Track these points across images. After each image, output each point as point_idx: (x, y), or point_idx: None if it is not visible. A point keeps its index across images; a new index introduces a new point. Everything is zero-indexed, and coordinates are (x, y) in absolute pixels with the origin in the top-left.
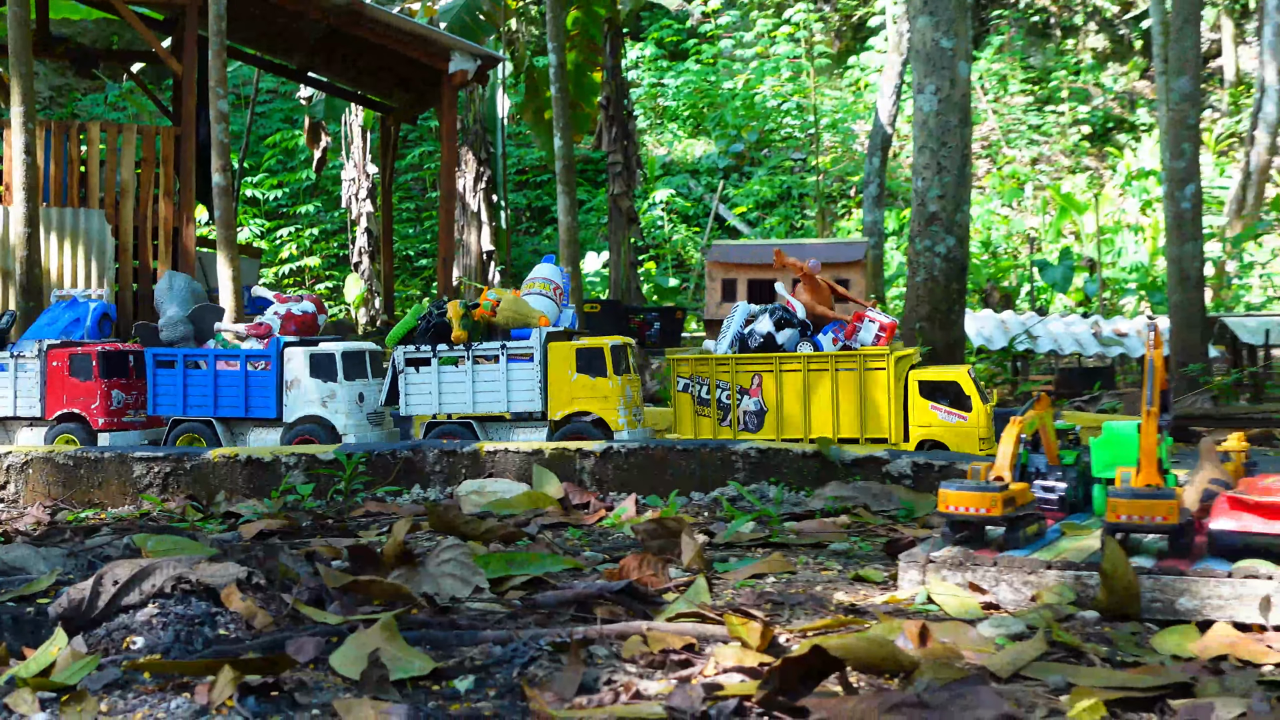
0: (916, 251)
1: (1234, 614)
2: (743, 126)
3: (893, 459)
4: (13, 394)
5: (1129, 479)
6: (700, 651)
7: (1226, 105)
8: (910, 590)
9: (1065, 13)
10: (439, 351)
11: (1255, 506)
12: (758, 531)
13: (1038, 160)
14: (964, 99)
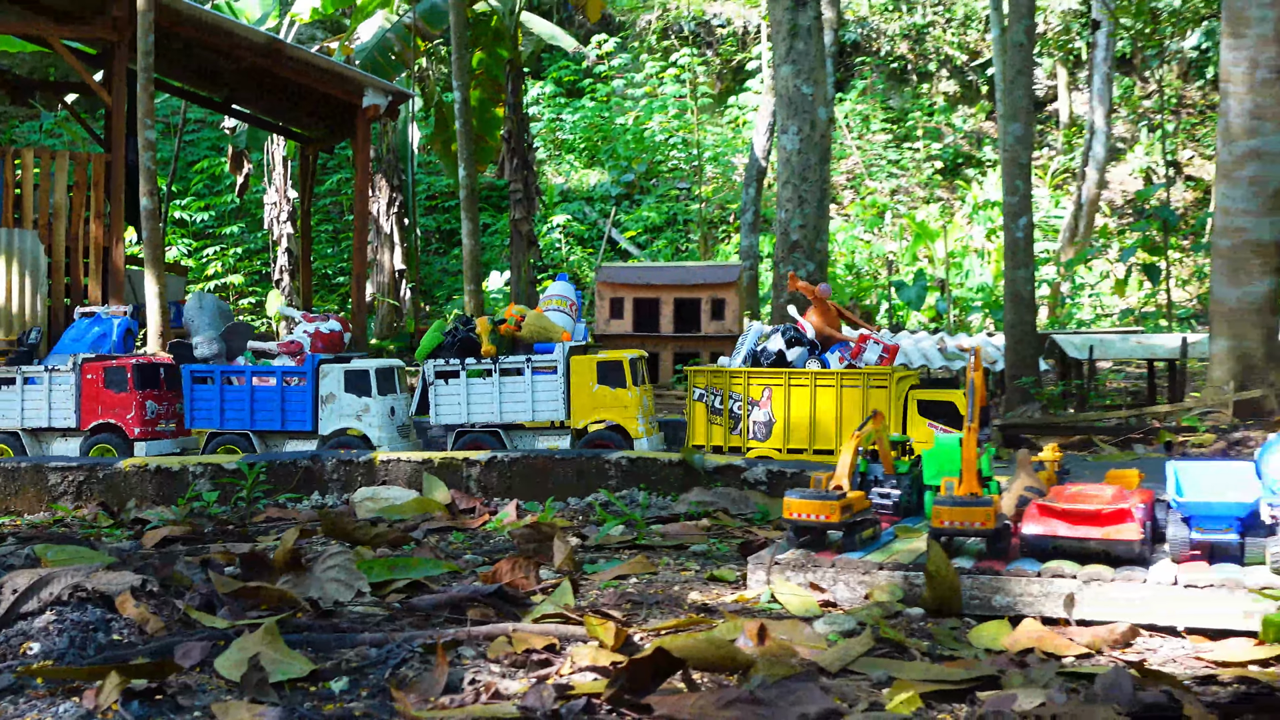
0: (781, 275)
1: (1043, 609)
2: (633, 158)
3: (749, 467)
4: (47, 406)
5: (953, 488)
6: (561, 651)
7: (1061, 144)
8: (757, 590)
9: (921, 60)
10: (468, 365)
11: (1062, 513)
12: (626, 534)
13: (896, 191)
14: (823, 139)
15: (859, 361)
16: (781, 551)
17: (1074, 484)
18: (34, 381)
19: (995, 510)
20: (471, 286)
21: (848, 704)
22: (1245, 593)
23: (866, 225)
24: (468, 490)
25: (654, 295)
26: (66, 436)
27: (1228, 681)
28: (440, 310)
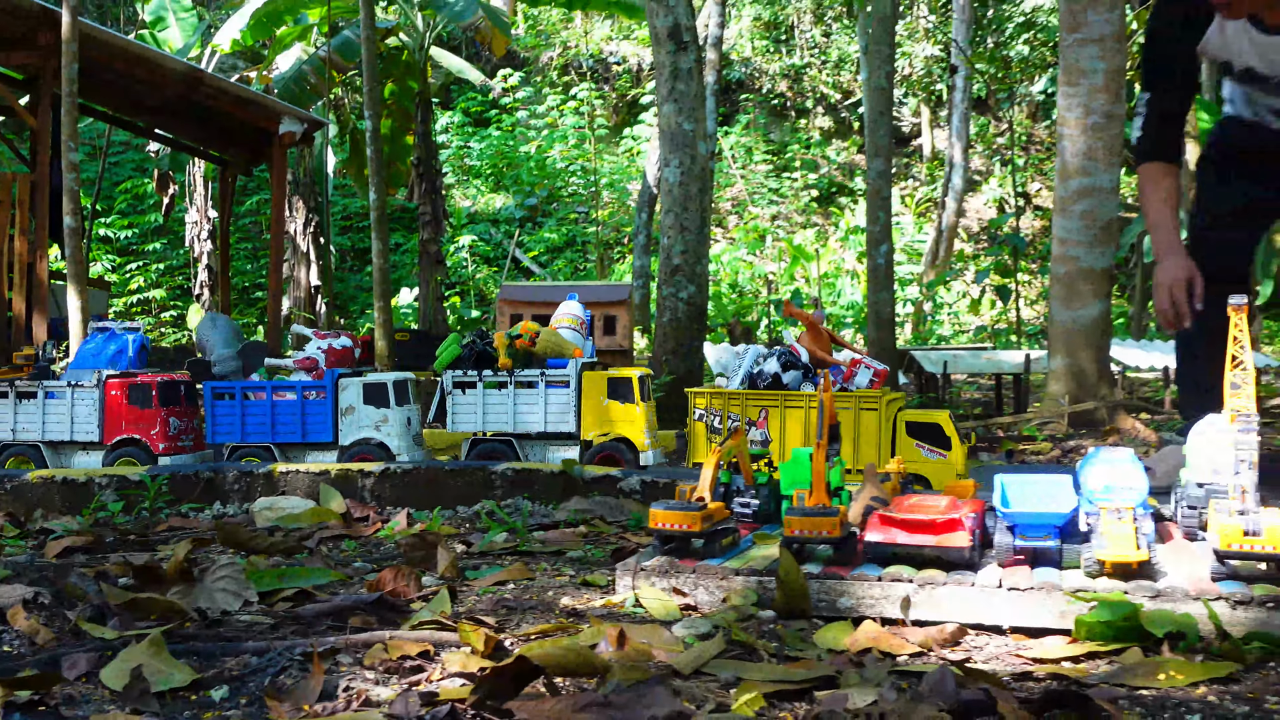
0: (664, 297)
1: (883, 611)
2: (536, 184)
3: (625, 477)
4: (69, 420)
5: (804, 499)
6: (435, 657)
7: (925, 176)
8: (623, 595)
9: (798, 98)
10: (484, 377)
11: (900, 522)
12: (509, 541)
13: (776, 217)
14: (703, 172)
15: (851, 385)
16: (647, 559)
17: (913, 495)
18: (54, 396)
19: (842, 519)
20: (381, 303)
21: (696, 705)
22: (1061, 595)
23: (749, 248)
24: (362, 500)
25: (549, 312)
26: (88, 450)
27: (1042, 678)
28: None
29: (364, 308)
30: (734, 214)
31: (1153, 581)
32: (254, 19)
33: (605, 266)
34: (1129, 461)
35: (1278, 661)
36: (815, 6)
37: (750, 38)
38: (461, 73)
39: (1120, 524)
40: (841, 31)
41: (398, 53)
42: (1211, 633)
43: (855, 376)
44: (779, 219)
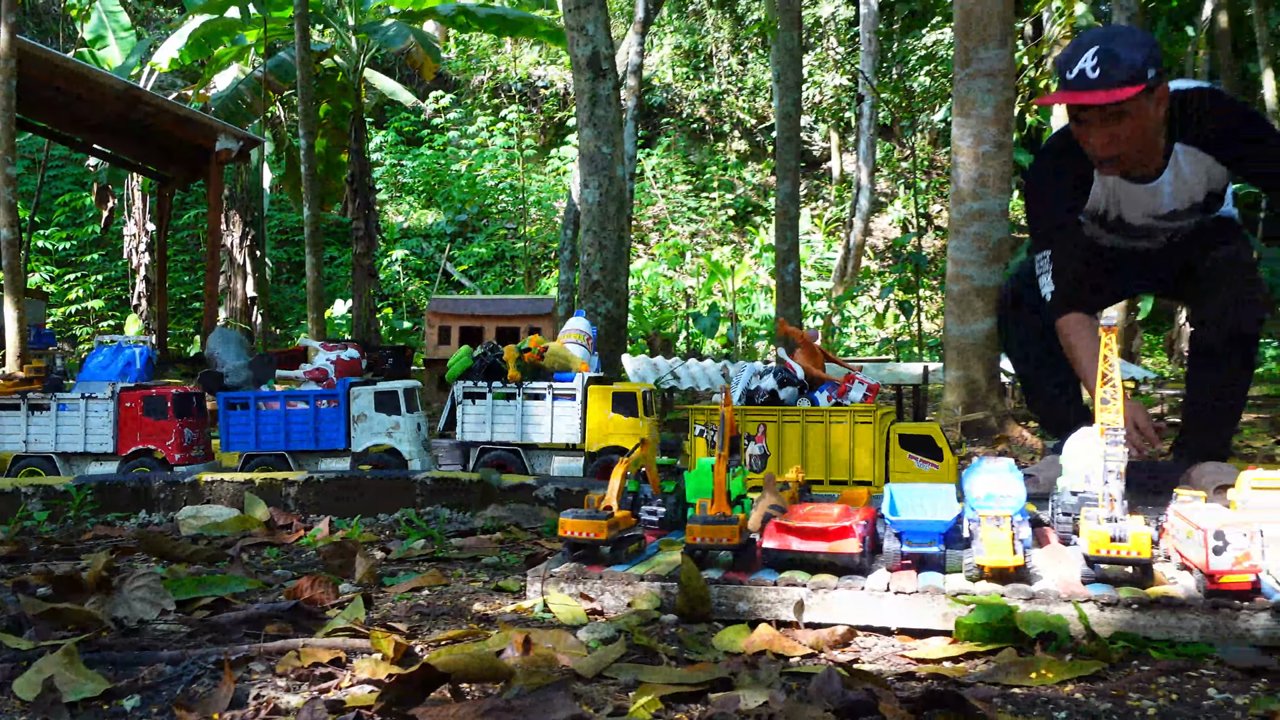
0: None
1: (779, 614)
2: (466, 200)
3: (540, 485)
4: (83, 431)
5: (706, 507)
6: (347, 664)
7: (834, 197)
8: (533, 600)
9: (716, 122)
10: (494, 388)
11: (795, 529)
12: (427, 548)
13: (695, 234)
14: (620, 193)
15: (845, 400)
16: (556, 565)
17: (808, 503)
18: (66, 408)
19: (741, 527)
20: (315, 314)
21: (595, 709)
22: (944, 598)
23: (669, 263)
24: (286, 508)
25: (478, 324)
26: (101, 461)
27: (924, 677)
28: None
29: (299, 318)
30: (655, 231)
31: (1028, 585)
32: (192, 39)
33: (532, 280)
34: (1008, 471)
35: (1141, 659)
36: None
37: (671, 65)
38: (394, 94)
39: (998, 531)
40: (756, 60)
41: (333, 74)
42: (1081, 633)
43: (849, 392)
44: (698, 236)
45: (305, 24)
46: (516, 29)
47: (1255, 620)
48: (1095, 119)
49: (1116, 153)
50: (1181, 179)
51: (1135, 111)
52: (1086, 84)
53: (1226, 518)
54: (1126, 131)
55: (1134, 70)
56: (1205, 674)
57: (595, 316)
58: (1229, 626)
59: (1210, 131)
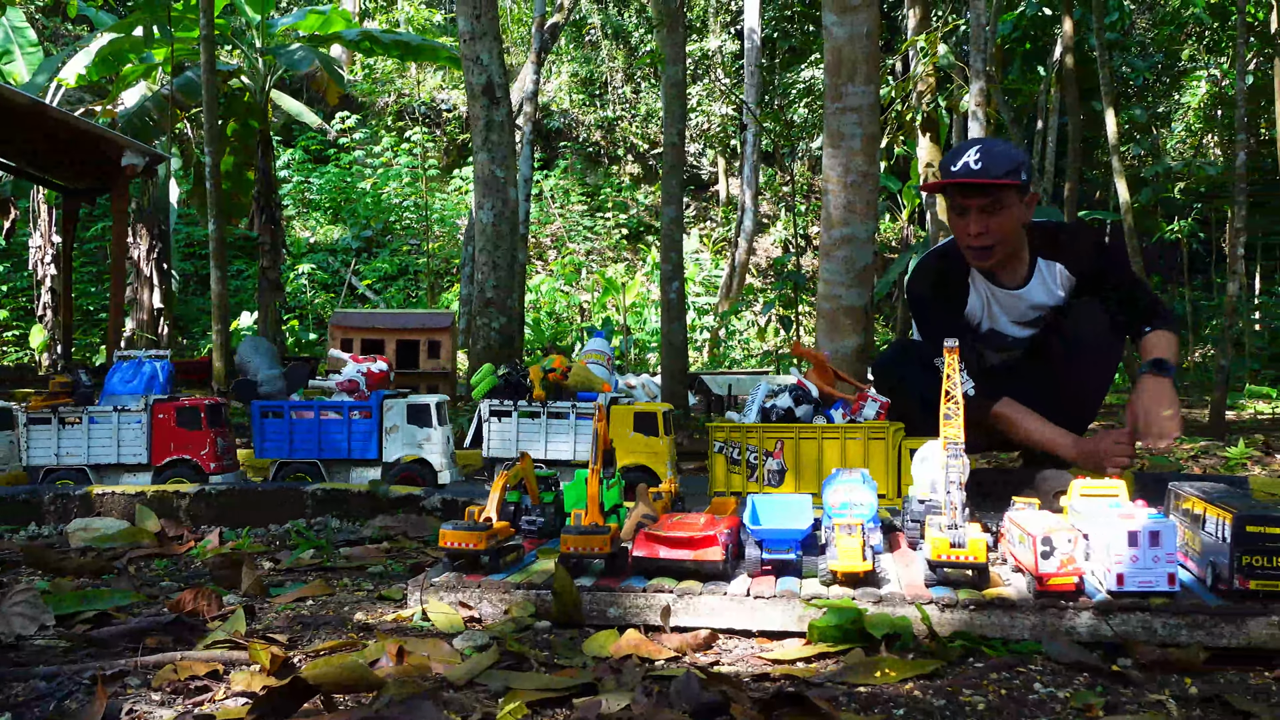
0: (478, 326)
1: (647, 619)
2: (372, 217)
3: (427, 496)
4: (115, 444)
5: (580, 518)
6: (224, 677)
7: (721, 218)
8: (413, 609)
9: (611, 146)
10: (519, 406)
11: (663, 538)
12: (316, 558)
13: (591, 252)
14: (513, 215)
15: (859, 416)
16: (436, 574)
17: (677, 513)
18: (97, 421)
19: (613, 536)
20: (219, 326)
21: (463, 716)
22: (799, 601)
23: (566, 279)
24: (178, 520)
25: (379, 337)
26: (135, 472)
27: (777, 678)
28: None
29: (206, 330)
30: (553, 249)
31: (877, 588)
32: (99, 56)
33: (435, 294)
34: (861, 482)
35: (976, 657)
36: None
37: (569, 92)
38: (300, 115)
39: (850, 538)
40: (649, 89)
41: (240, 94)
42: (924, 633)
43: (863, 409)
44: (593, 254)
45: (211, 45)
46: (419, 54)
47: (1079, 619)
48: (974, 209)
49: (991, 243)
50: (1045, 287)
51: (1008, 207)
52: (970, 173)
53: (1053, 524)
54: (999, 224)
55: (1010, 168)
56: (1033, 670)
57: (488, 331)
58: (1056, 625)
59: (1074, 258)
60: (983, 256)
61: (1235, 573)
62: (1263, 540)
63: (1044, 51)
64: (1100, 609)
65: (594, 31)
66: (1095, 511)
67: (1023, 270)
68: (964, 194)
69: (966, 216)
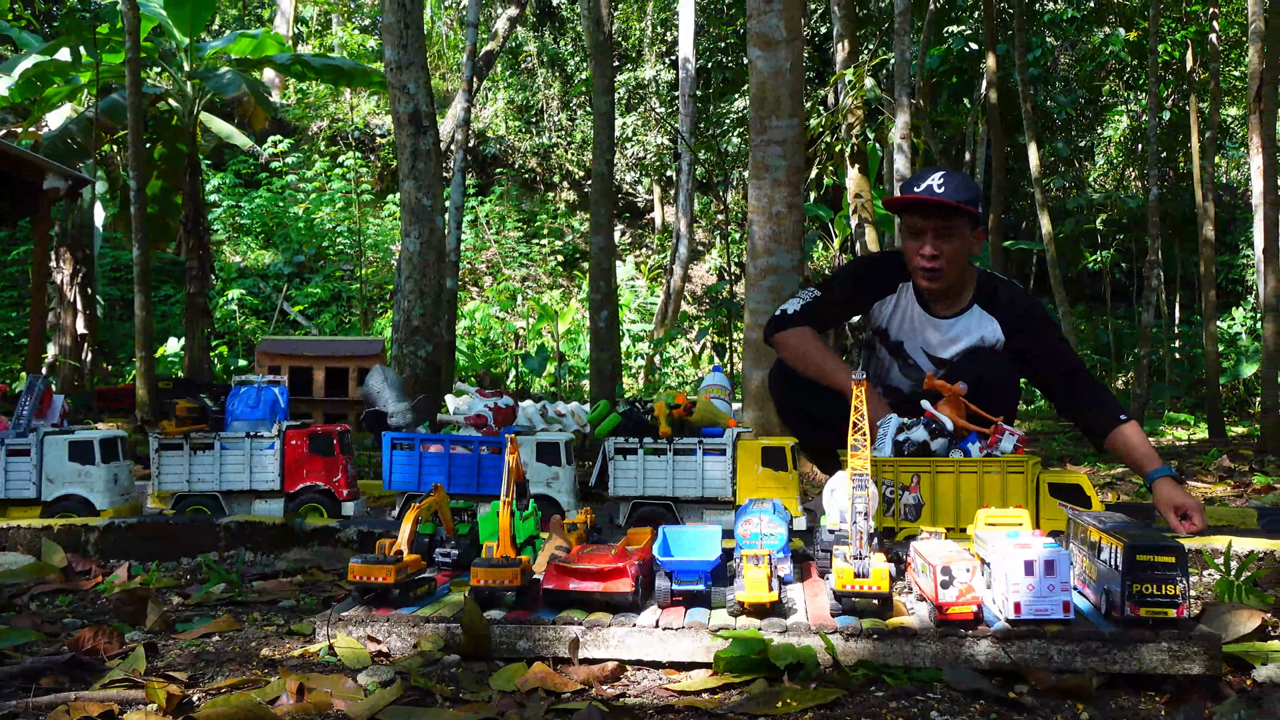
0: (404, 354)
1: (557, 651)
2: (304, 242)
3: (343, 528)
4: (248, 470)
5: (492, 550)
6: (119, 717)
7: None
8: (320, 644)
9: (547, 173)
10: (645, 444)
11: (574, 571)
12: (227, 592)
13: (526, 278)
14: (440, 242)
15: (996, 450)
16: (346, 608)
17: (589, 545)
18: (228, 447)
19: (523, 569)
20: (143, 353)
21: None
22: (706, 633)
23: (501, 306)
24: (86, 554)
25: (307, 364)
26: (267, 498)
27: (681, 709)
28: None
29: (131, 355)
30: (489, 274)
31: (783, 619)
32: (23, 78)
33: (368, 320)
34: (771, 513)
35: (878, 685)
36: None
37: (505, 118)
38: (231, 138)
39: (757, 569)
40: (584, 117)
41: (168, 116)
42: (827, 663)
43: (1000, 442)
44: (528, 280)
45: (137, 68)
46: (352, 79)
47: (978, 647)
48: (930, 230)
49: (940, 266)
50: (969, 332)
51: (960, 235)
52: (933, 194)
53: (953, 554)
54: (951, 250)
55: (969, 197)
56: (932, 698)
57: (415, 359)
58: (955, 653)
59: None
60: (932, 278)
61: (1127, 600)
62: (1152, 569)
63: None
64: (998, 636)
65: (530, 59)
66: (995, 541)
67: (958, 306)
68: (924, 214)
69: (921, 238)
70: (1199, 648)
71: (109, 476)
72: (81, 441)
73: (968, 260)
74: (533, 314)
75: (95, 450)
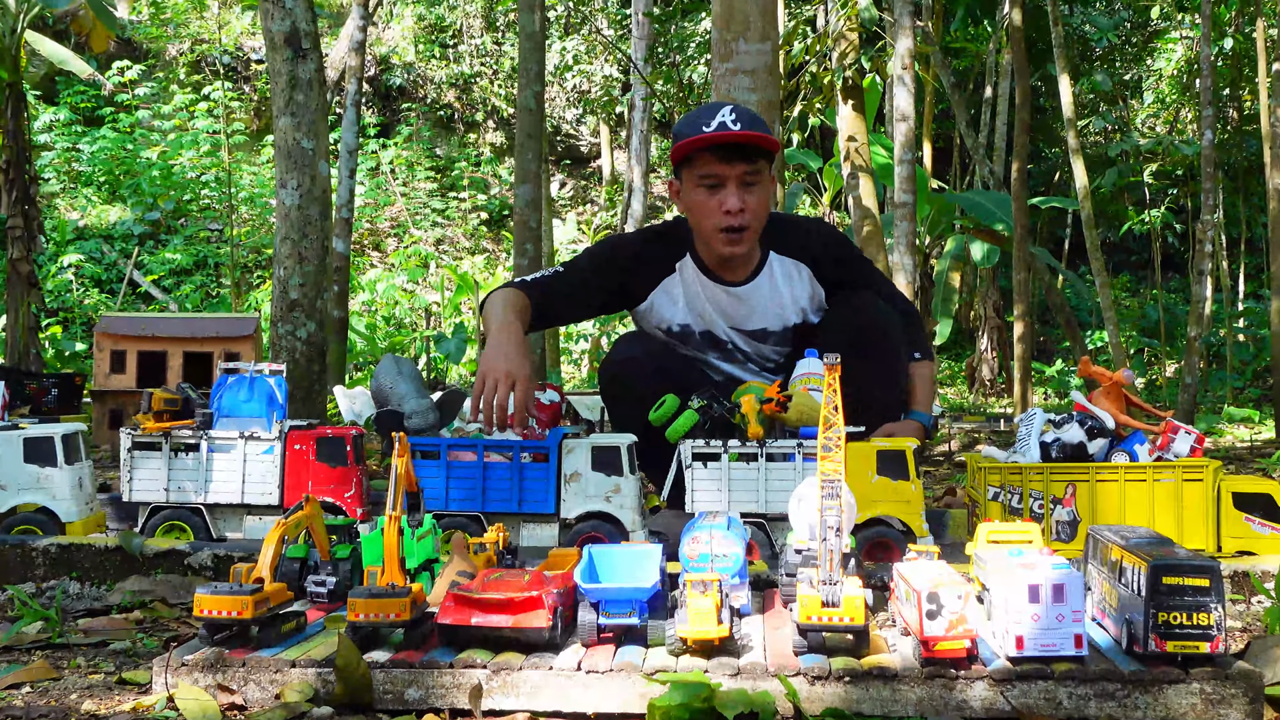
0: (279, 335)
1: (454, 701)
2: (160, 195)
3: (194, 552)
4: (240, 479)
5: (376, 577)
6: None
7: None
8: (158, 695)
9: (468, 110)
10: (730, 447)
11: (476, 601)
12: (44, 631)
13: (441, 241)
14: (324, 194)
15: (1168, 453)
16: (191, 651)
17: (498, 570)
18: (215, 450)
19: (413, 600)
20: None
21: None
22: (640, 676)
23: (410, 275)
24: None
25: (161, 348)
26: (261, 514)
27: None
28: None
29: None
30: (393, 236)
31: (735, 658)
32: None
33: (242, 292)
34: (725, 529)
35: None
36: (485, 10)
37: (413, 41)
38: (65, 63)
39: (703, 598)
40: (514, 39)
41: None
42: (789, 711)
43: (1173, 443)
44: (444, 243)
45: None
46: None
47: (972, 690)
48: (733, 180)
49: (745, 223)
50: (775, 289)
51: (764, 180)
52: (730, 130)
53: (943, 577)
54: (756, 202)
55: (768, 130)
56: None
57: (292, 342)
58: (945, 698)
59: (809, 247)
60: (736, 241)
61: (1150, 632)
62: (1181, 593)
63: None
64: (996, 678)
65: None
66: (995, 561)
67: (751, 264)
68: (724, 158)
69: (720, 190)
70: (1238, 690)
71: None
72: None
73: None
74: (449, 285)
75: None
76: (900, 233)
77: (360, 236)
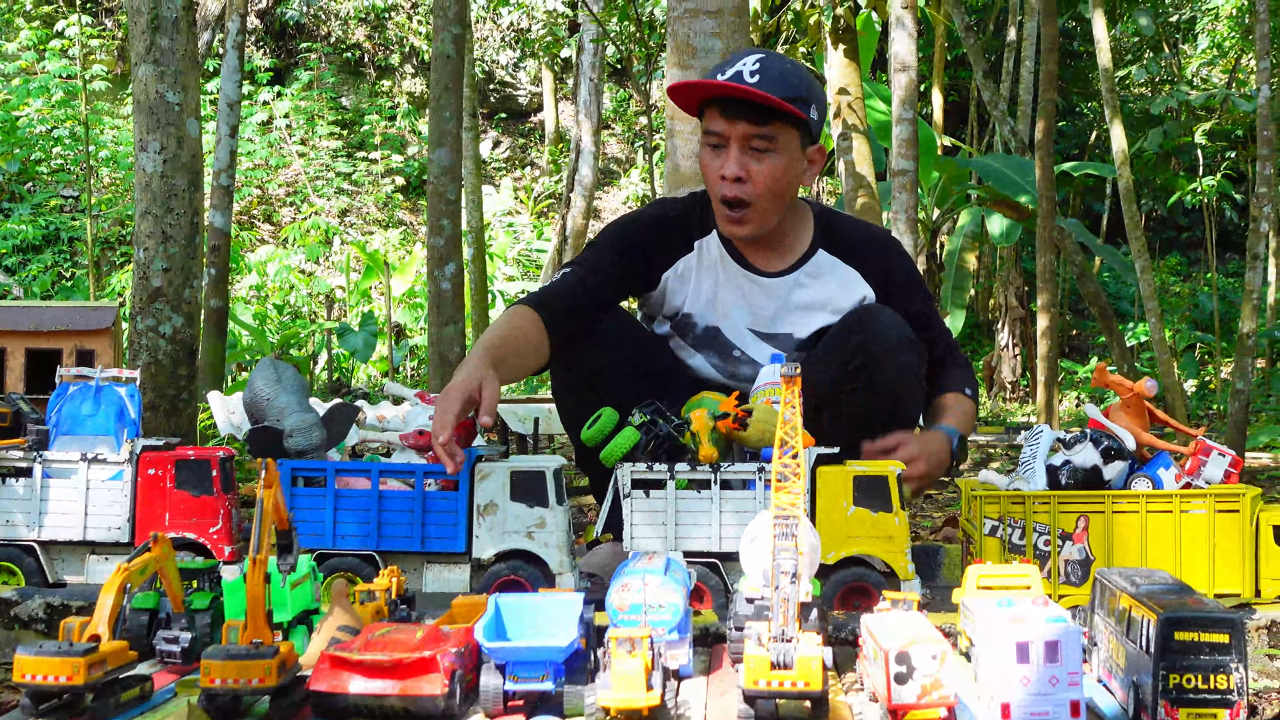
0: (139, 331)
1: None
2: (3, 154)
3: (23, 600)
4: (82, 511)
5: (238, 633)
6: None
7: (547, 164)
8: None
9: (382, 52)
10: (677, 472)
11: (358, 664)
12: None
13: (348, 211)
14: (194, 159)
15: (1198, 479)
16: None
17: (387, 624)
18: (51, 475)
19: (281, 662)
20: None
21: None
22: None
23: (308, 254)
24: None
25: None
26: (108, 554)
27: None
28: None
29: None
30: (289, 205)
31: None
32: None
33: (102, 274)
34: (662, 574)
35: None
36: None
37: None
38: None
39: (630, 658)
40: None
41: None
42: None
43: (1204, 467)
44: (350, 215)
45: None
46: None
47: None
48: (735, 142)
49: (741, 195)
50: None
51: (783, 151)
52: (742, 82)
53: (916, 632)
54: (764, 173)
55: (797, 93)
56: None
57: (157, 339)
58: None
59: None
60: (735, 218)
61: (1160, 697)
62: (1197, 650)
63: None
64: None
65: None
66: (982, 613)
67: (791, 257)
68: (728, 114)
69: (723, 153)
70: None
71: None
72: None
73: (795, 196)
74: (356, 266)
75: None
76: (899, 205)
77: (249, 205)
